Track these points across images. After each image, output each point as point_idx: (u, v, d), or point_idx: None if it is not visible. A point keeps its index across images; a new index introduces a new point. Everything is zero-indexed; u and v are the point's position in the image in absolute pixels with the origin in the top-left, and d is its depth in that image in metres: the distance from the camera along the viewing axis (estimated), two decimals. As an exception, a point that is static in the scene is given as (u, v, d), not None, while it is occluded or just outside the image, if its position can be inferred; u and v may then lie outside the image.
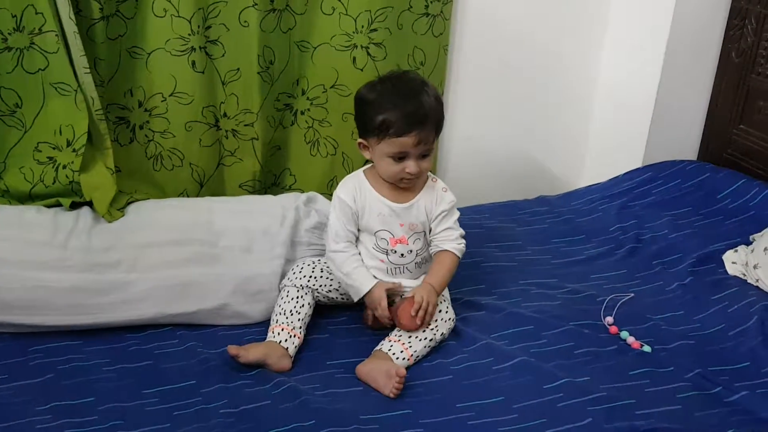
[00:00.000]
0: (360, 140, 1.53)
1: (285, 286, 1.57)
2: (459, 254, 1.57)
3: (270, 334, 1.48)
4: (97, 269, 1.55)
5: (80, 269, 1.54)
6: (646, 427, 1.28)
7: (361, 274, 1.53)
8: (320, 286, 1.58)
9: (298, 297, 1.53)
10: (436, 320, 1.51)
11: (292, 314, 1.50)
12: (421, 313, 1.46)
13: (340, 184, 1.60)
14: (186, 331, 1.55)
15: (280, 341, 1.46)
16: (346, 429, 1.27)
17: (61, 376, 1.38)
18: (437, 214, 1.56)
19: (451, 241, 1.57)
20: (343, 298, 1.61)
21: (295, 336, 1.47)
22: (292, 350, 1.45)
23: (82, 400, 1.32)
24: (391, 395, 1.35)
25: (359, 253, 1.57)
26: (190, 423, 1.28)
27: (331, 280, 1.59)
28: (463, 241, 1.59)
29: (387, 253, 1.57)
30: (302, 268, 1.59)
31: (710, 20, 2.19)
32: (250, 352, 1.42)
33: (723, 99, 2.23)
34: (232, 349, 1.42)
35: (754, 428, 1.29)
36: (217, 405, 1.32)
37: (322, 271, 1.59)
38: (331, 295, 1.59)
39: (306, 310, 1.52)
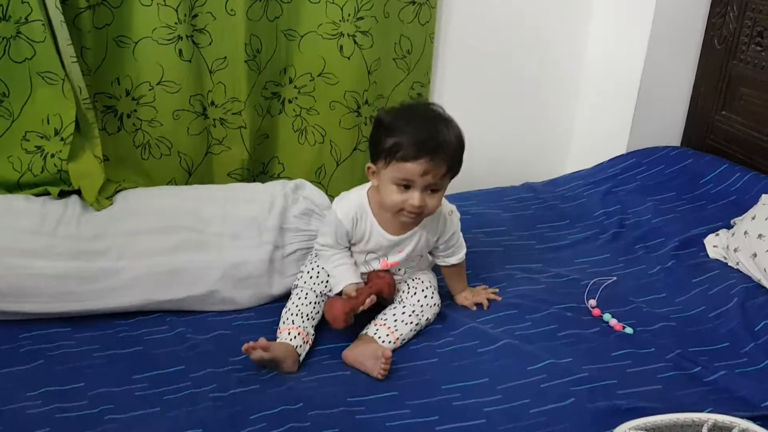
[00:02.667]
0: (369, 164, 1.46)
1: (302, 288, 1.55)
2: (464, 258, 1.62)
3: (286, 334, 1.46)
4: (85, 257, 1.56)
5: (69, 257, 1.55)
6: (627, 407, 1.31)
7: (342, 271, 1.52)
8: (330, 291, 1.56)
9: (315, 303, 1.53)
10: (422, 306, 1.53)
11: (308, 319, 1.50)
12: (485, 303, 1.60)
13: (342, 200, 1.53)
14: (175, 317, 1.56)
15: (296, 346, 1.44)
16: (333, 411, 1.29)
17: (51, 363, 1.39)
18: (444, 240, 1.56)
19: (457, 255, 1.59)
20: None
21: (307, 342, 1.47)
22: (302, 356, 1.45)
23: (72, 386, 1.33)
24: (379, 377, 1.37)
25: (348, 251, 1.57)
26: (179, 407, 1.30)
27: None
28: (464, 248, 1.61)
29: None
30: (318, 272, 1.57)
31: (693, 7, 2.21)
32: (274, 350, 1.39)
33: (705, 86, 2.26)
34: (255, 344, 1.37)
35: (732, 406, 1.32)
36: (206, 389, 1.34)
37: None
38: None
39: (318, 317, 1.53)
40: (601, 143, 2.37)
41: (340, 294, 1.52)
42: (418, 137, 1.37)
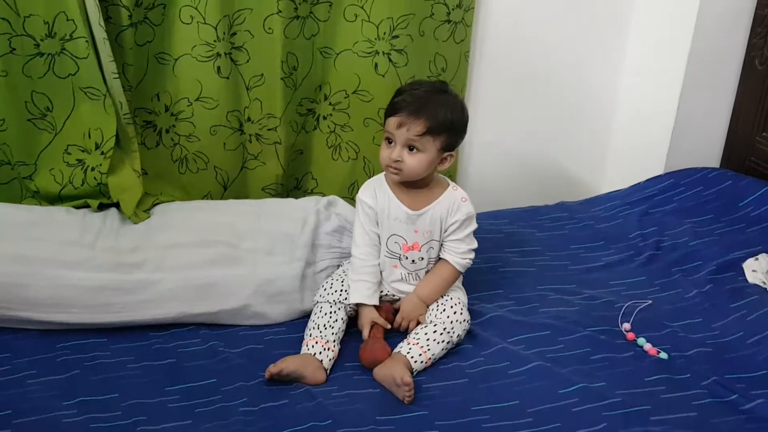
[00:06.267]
0: None
1: (318, 302, 1.58)
2: (460, 268, 1.59)
3: (304, 347, 1.49)
4: (122, 269, 1.59)
5: (107, 269, 1.58)
6: (661, 433, 1.28)
7: (358, 287, 1.57)
8: (346, 299, 1.58)
9: (331, 312, 1.55)
10: (452, 322, 1.53)
11: (325, 328, 1.51)
12: (401, 326, 1.56)
13: (361, 187, 1.63)
14: (208, 330, 1.58)
15: (315, 353, 1.46)
16: (362, 429, 1.29)
17: (87, 373, 1.42)
18: (450, 223, 1.57)
19: (455, 253, 1.58)
20: None
21: (329, 349, 1.48)
22: (326, 363, 1.46)
23: (106, 396, 1.36)
24: (406, 402, 1.36)
25: (377, 265, 1.60)
26: (210, 420, 1.31)
27: None
28: (471, 255, 1.60)
29: (400, 259, 1.59)
30: (332, 283, 1.61)
31: (733, 27, 2.17)
32: (287, 363, 1.42)
33: (746, 106, 2.22)
34: (272, 368, 1.40)
35: (771, 437, 1.29)
36: (237, 403, 1.35)
37: None
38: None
39: (339, 325, 1.54)
40: (638, 163, 2.34)
41: (356, 313, 1.58)
42: (404, 97, 1.51)
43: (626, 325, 1.61)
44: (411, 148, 1.51)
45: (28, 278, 1.52)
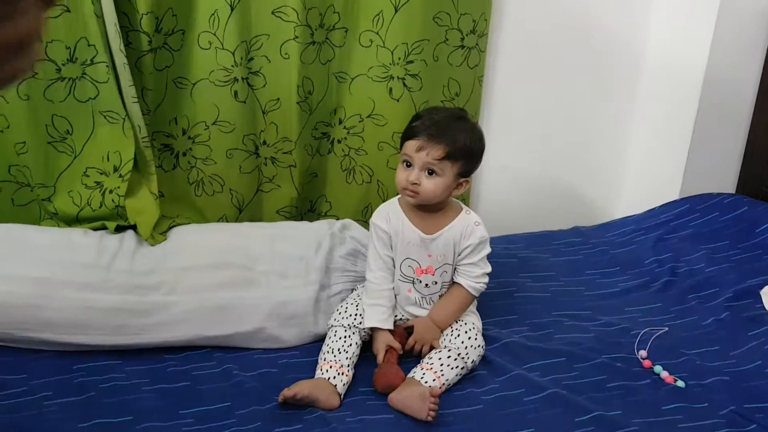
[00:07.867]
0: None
1: (332, 326, 1.58)
2: (474, 292, 1.59)
3: (318, 371, 1.49)
4: (138, 291, 1.60)
5: (123, 291, 1.59)
6: (678, 464, 1.27)
7: (372, 311, 1.57)
8: (361, 323, 1.59)
9: (345, 336, 1.55)
10: (467, 348, 1.52)
11: (339, 353, 1.51)
12: (414, 349, 1.56)
13: (375, 211, 1.64)
14: (222, 353, 1.58)
15: (329, 378, 1.46)
16: (376, 455, 1.28)
17: (103, 395, 1.42)
18: (463, 247, 1.57)
19: (469, 277, 1.58)
20: None
21: (343, 374, 1.48)
22: (340, 388, 1.45)
23: (121, 419, 1.35)
24: (429, 419, 1.35)
25: (391, 289, 1.60)
26: (224, 444, 1.31)
27: None
28: (485, 280, 1.59)
29: (413, 282, 1.59)
30: (347, 307, 1.61)
31: (748, 54, 2.18)
32: (301, 387, 1.41)
33: (761, 132, 2.22)
34: (286, 392, 1.40)
35: (791, 468, 1.27)
36: (251, 427, 1.35)
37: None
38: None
39: (353, 350, 1.53)
40: (653, 189, 2.33)
41: (370, 338, 1.57)
42: (423, 121, 1.52)
43: (642, 353, 1.59)
44: (430, 172, 1.52)
45: (45, 299, 1.54)
